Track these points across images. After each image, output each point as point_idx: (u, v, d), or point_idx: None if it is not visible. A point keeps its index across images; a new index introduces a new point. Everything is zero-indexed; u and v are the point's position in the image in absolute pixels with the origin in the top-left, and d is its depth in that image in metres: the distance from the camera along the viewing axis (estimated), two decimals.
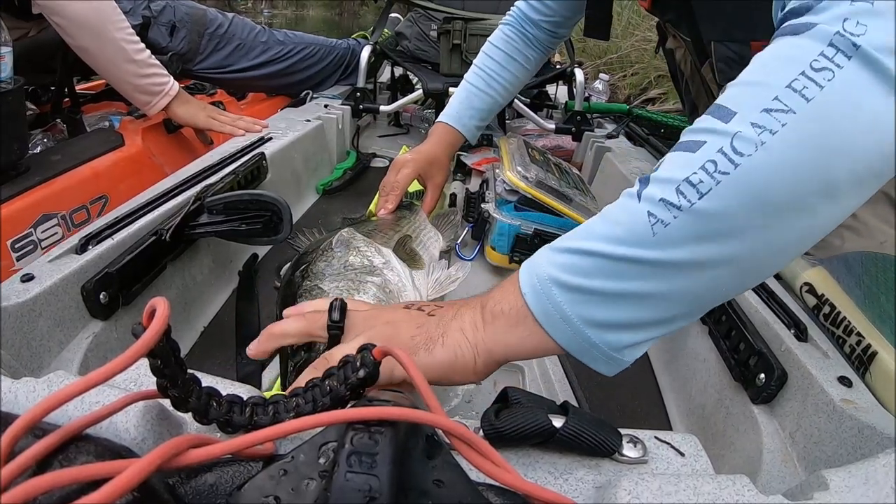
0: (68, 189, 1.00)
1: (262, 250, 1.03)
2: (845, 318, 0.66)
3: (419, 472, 0.32)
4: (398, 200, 0.94)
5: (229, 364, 0.76)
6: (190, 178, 0.91)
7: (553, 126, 1.61)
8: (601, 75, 2.26)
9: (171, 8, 1.51)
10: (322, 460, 0.31)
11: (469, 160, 1.41)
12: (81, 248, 0.68)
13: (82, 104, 1.44)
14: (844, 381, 0.57)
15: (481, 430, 0.41)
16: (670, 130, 1.87)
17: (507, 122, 1.79)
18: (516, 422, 0.40)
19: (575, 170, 1.20)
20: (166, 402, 0.37)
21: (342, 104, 1.57)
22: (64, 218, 0.98)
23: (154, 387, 0.36)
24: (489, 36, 1.10)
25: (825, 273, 0.73)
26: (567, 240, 0.44)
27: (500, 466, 0.34)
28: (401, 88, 1.92)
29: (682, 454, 0.43)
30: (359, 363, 0.42)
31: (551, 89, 1.92)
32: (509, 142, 1.13)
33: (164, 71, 1.22)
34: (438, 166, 1.03)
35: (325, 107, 1.53)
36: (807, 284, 0.74)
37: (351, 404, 0.40)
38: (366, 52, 1.67)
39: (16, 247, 0.88)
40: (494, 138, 1.48)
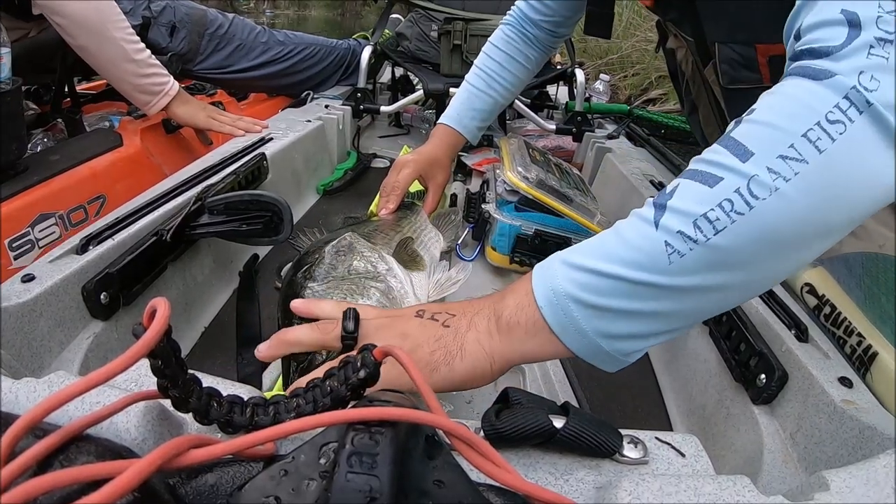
0: (66, 189, 1.00)
1: (262, 251, 1.03)
2: (846, 318, 0.66)
3: (420, 472, 0.32)
4: (399, 201, 0.94)
5: (230, 364, 0.76)
6: (191, 178, 0.91)
7: (554, 126, 1.61)
8: (602, 76, 2.26)
9: (172, 8, 1.52)
10: (323, 461, 0.31)
11: (470, 161, 1.42)
12: (82, 249, 0.68)
13: (83, 104, 1.44)
14: (845, 381, 0.57)
15: (482, 431, 0.41)
16: (671, 131, 1.88)
17: (508, 122, 1.79)
18: (517, 422, 0.40)
19: (575, 170, 1.20)
20: (167, 403, 0.37)
21: (343, 104, 1.57)
22: (62, 217, 0.98)
23: (155, 387, 0.36)
24: (490, 36, 1.10)
25: (826, 274, 0.73)
26: (584, 256, 0.46)
27: (501, 467, 0.34)
28: (401, 89, 1.92)
29: (683, 455, 0.43)
30: (359, 363, 0.42)
31: (552, 90, 1.92)
32: (510, 142, 1.13)
33: (164, 71, 1.22)
34: (439, 167, 1.03)
35: (326, 107, 1.53)
36: (807, 285, 0.74)
37: (352, 405, 0.40)
38: (366, 52, 1.67)
39: (13, 246, 0.88)
40: (495, 139, 1.48)
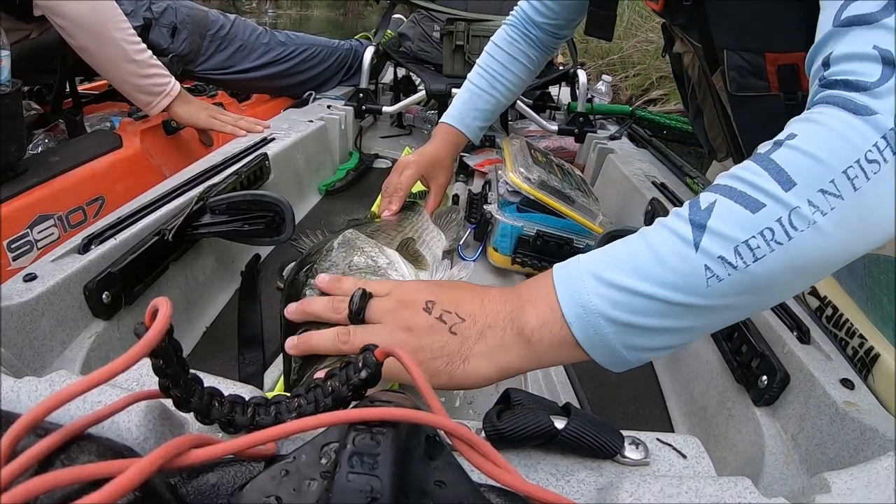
0: (65, 190, 1.01)
1: (264, 251, 1.03)
2: (847, 320, 0.66)
3: (421, 472, 0.32)
4: (402, 201, 0.94)
5: (231, 364, 0.76)
6: (193, 178, 0.91)
7: (556, 127, 1.61)
8: (604, 76, 2.26)
9: (173, 9, 1.52)
10: (324, 461, 0.32)
11: (472, 161, 1.42)
12: (84, 248, 0.68)
13: (85, 104, 1.45)
14: (847, 383, 0.57)
15: (483, 432, 0.41)
16: (673, 132, 1.88)
17: (510, 123, 1.79)
18: (518, 423, 0.40)
19: (577, 171, 1.20)
20: (168, 402, 0.37)
21: (345, 105, 1.57)
22: (61, 219, 0.98)
23: (156, 387, 0.36)
24: (492, 37, 1.10)
25: (828, 275, 0.73)
26: (616, 272, 0.45)
27: (502, 467, 0.34)
28: (403, 89, 1.92)
29: (684, 456, 0.43)
30: (361, 364, 0.42)
31: (554, 90, 1.91)
32: (512, 143, 1.13)
33: (165, 71, 1.22)
34: (441, 167, 1.03)
35: (328, 107, 1.53)
36: (809, 286, 0.74)
37: (353, 405, 0.40)
38: (369, 52, 1.67)
39: (12, 247, 0.89)
40: (497, 139, 1.48)
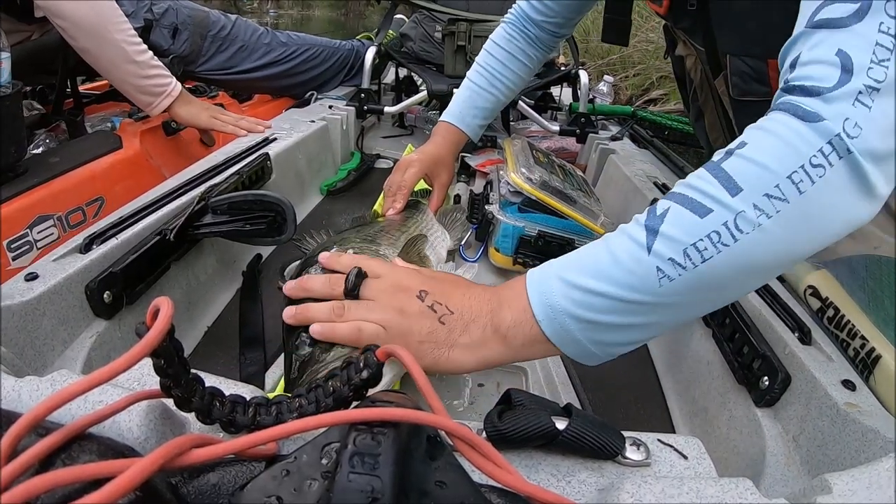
0: (65, 191, 1.01)
1: (265, 251, 1.03)
2: (849, 321, 0.66)
3: (421, 472, 0.32)
4: (406, 199, 0.94)
5: (232, 364, 0.76)
6: (194, 178, 0.91)
7: (557, 128, 1.60)
8: (605, 77, 2.26)
9: (174, 10, 1.52)
10: (325, 461, 0.32)
11: (473, 161, 1.41)
12: (86, 248, 0.68)
13: (86, 105, 1.45)
14: (848, 384, 0.57)
15: (484, 432, 0.41)
16: (674, 133, 1.88)
17: (512, 123, 1.78)
18: (519, 423, 0.40)
19: (579, 171, 1.20)
20: (169, 402, 0.37)
21: (347, 105, 1.57)
22: (60, 219, 0.99)
23: (157, 386, 0.36)
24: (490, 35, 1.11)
25: (829, 276, 0.73)
26: (578, 275, 0.49)
27: (503, 468, 0.34)
28: (405, 89, 1.92)
29: (685, 457, 0.43)
30: (362, 364, 0.42)
31: (555, 91, 1.91)
32: (513, 143, 1.13)
33: (166, 72, 1.22)
34: (444, 165, 1.03)
35: (330, 108, 1.53)
36: (811, 287, 0.74)
37: (354, 405, 0.40)
38: (370, 53, 1.67)
39: (12, 247, 0.89)
40: (499, 140, 1.48)
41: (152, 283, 0.74)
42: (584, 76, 1.63)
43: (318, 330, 0.55)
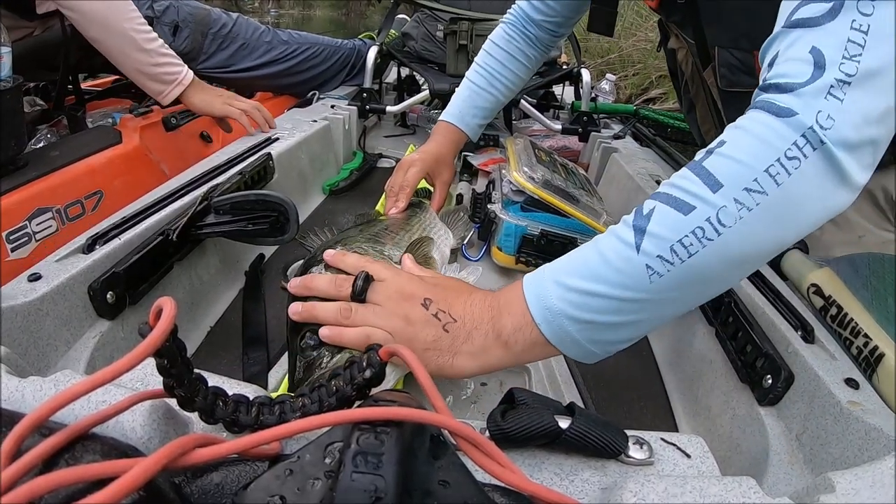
0: (64, 184, 1.02)
1: (268, 250, 1.03)
2: (852, 319, 0.66)
3: (425, 472, 0.32)
4: (409, 199, 0.94)
5: (235, 364, 0.76)
6: (197, 178, 0.91)
7: (559, 127, 1.60)
8: (608, 76, 2.25)
9: (175, 8, 1.52)
10: (328, 460, 0.32)
11: (476, 161, 1.41)
12: (88, 248, 0.68)
13: (88, 101, 1.45)
14: (851, 382, 0.57)
15: (487, 431, 0.41)
16: (676, 132, 1.87)
17: (514, 122, 1.78)
18: (522, 423, 0.40)
19: (581, 170, 1.19)
20: (173, 402, 0.37)
21: (349, 105, 1.57)
22: (59, 212, 0.99)
23: (160, 386, 0.36)
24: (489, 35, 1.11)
25: (832, 274, 0.72)
26: (573, 277, 0.50)
27: (506, 467, 0.34)
28: (407, 89, 1.91)
29: (688, 456, 0.43)
30: (365, 363, 0.42)
31: (558, 90, 1.91)
32: (516, 142, 1.13)
33: (177, 60, 1.22)
34: (445, 165, 1.04)
35: (332, 107, 1.53)
36: (814, 286, 0.73)
37: (357, 404, 0.40)
38: (372, 52, 1.67)
39: (10, 238, 0.90)
40: (501, 139, 1.48)
41: (155, 284, 0.74)
42: (586, 75, 1.63)
43: (326, 333, 0.56)
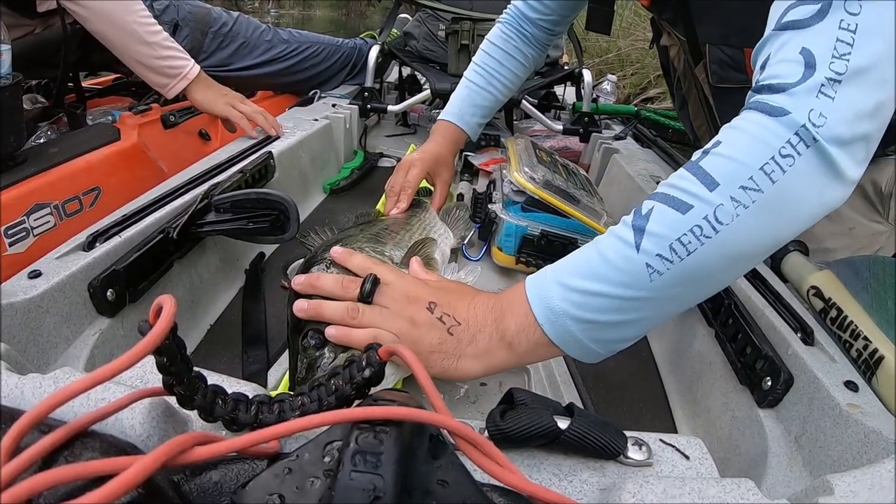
0: (62, 180, 1.02)
1: (268, 249, 1.03)
2: (852, 321, 0.66)
3: (424, 471, 0.32)
4: (410, 199, 0.94)
5: (235, 362, 0.76)
6: (197, 176, 0.92)
7: (560, 127, 1.60)
8: (609, 76, 2.25)
9: (175, 6, 1.52)
10: (327, 459, 0.32)
11: (476, 161, 1.41)
12: (89, 246, 0.68)
13: (88, 98, 1.45)
14: (851, 385, 0.57)
15: (486, 431, 0.41)
16: (677, 133, 1.87)
17: (515, 122, 1.78)
18: (521, 423, 0.40)
19: (582, 171, 1.19)
20: (172, 400, 0.37)
21: (350, 104, 1.57)
22: (57, 207, 0.99)
23: (160, 384, 0.36)
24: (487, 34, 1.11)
25: (832, 277, 0.72)
26: (574, 277, 0.51)
27: (505, 467, 0.34)
28: (408, 88, 1.91)
29: (687, 457, 0.43)
30: (364, 363, 0.42)
31: (559, 90, 1.91)
32: (517, 143, 1.13)
33: (182, 54, 1.21)
34: (445, 164, 1.04)
35: (333, 106, 1.53)
36: (814, 288, 0.73)
37: (356, 404, 0.40)
38: (374, 51, 1.67)
39: (8, 233, 0.90)
40: (502, 139, 1.48)
41: (155, 281, 0.74)
42: (587, 75, 1.63)
43: (333, 333, 0.56)
